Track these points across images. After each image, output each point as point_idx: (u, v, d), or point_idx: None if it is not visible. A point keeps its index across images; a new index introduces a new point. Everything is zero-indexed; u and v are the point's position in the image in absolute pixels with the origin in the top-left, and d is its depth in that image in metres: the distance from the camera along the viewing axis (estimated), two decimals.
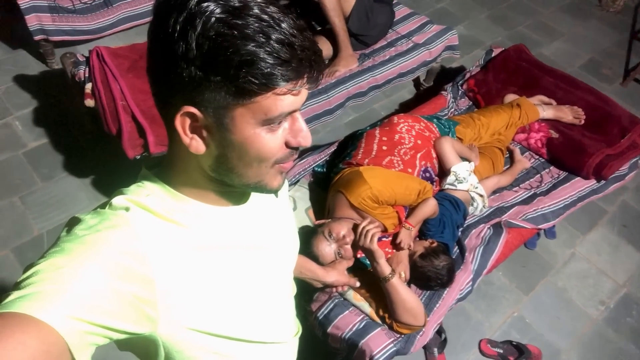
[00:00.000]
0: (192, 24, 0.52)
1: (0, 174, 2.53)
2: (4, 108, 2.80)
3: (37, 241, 2.31)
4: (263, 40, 0.53)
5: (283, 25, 0.54)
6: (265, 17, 0.53)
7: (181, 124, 0.60)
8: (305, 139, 0.64)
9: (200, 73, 0.55)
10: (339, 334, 1.73)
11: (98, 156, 2.62)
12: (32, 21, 2.69)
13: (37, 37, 2.77)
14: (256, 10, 0.53)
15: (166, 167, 0.70)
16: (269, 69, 0.54)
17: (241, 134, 0.60)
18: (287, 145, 0.64)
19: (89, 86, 2.23)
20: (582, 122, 2.49)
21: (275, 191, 0.69)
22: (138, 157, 2.17)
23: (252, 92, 0.55)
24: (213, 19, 0.53)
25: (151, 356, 0.69)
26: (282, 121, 0.61)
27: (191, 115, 0.59)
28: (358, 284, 1.75)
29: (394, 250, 1.87)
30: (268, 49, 0.53)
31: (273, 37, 0.53)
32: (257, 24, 0.53)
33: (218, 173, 0.66)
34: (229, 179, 0.67)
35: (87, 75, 2.27)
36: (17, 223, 2.37)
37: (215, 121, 0.59)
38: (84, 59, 2.37)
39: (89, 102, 2.22)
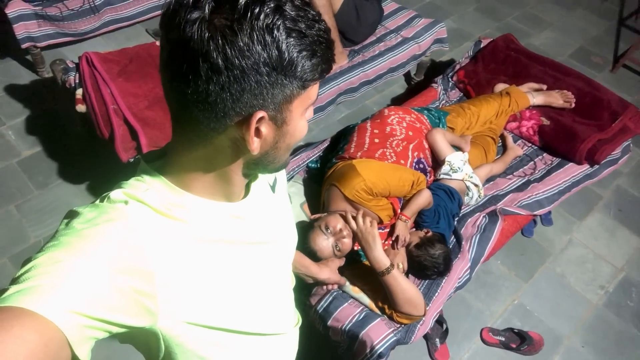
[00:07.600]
0: (271, 34, 0.56)
1: None
2: None
3: (34, 249, 2.30)
4: (316, 36, 0.59)
5: (317, 18, 0.61)
6: (309, 15, 0.60)
7: (251, 129, 0.61)
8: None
9: (281, 76, 0.58)
10: (339, 326, 1.73)
11: (92, 162, 2.62)
12: (20, 30, 2.69)
13: (24, 45, 2.77)
14: (302, 13, 0.59)
15: (172, 164, 0.69)
16: (324, 60, 0.61)
17: (293, 122, 0.65)
18: None
19: (79, 92, 2.23)
20: (573, 105, 2.50)
21: (287, 164, 0.76)
22: (131, 159, 2.17)
23: (311, 82, 0.62)
24: (283, 27, 0.56)
25: (152, 349, 0.69)
26: None
27: (259, 119, 0.61)
28: (348, 283, 1.76)
29: (390, 242, 1.87)
30: (322, 43, 0.60)
31: (318, 32, 0.60)
32: (308, 23, 0.59)
33: (256, 165, 0.69)
34: (263, 168, 0.71)
35: (77, 81, 2.27)
36: (14, 231, 2.36)
37: (279, 117, 0.62)
38: (74, 65, 2.36)
39: (81, 108, 2.22)
